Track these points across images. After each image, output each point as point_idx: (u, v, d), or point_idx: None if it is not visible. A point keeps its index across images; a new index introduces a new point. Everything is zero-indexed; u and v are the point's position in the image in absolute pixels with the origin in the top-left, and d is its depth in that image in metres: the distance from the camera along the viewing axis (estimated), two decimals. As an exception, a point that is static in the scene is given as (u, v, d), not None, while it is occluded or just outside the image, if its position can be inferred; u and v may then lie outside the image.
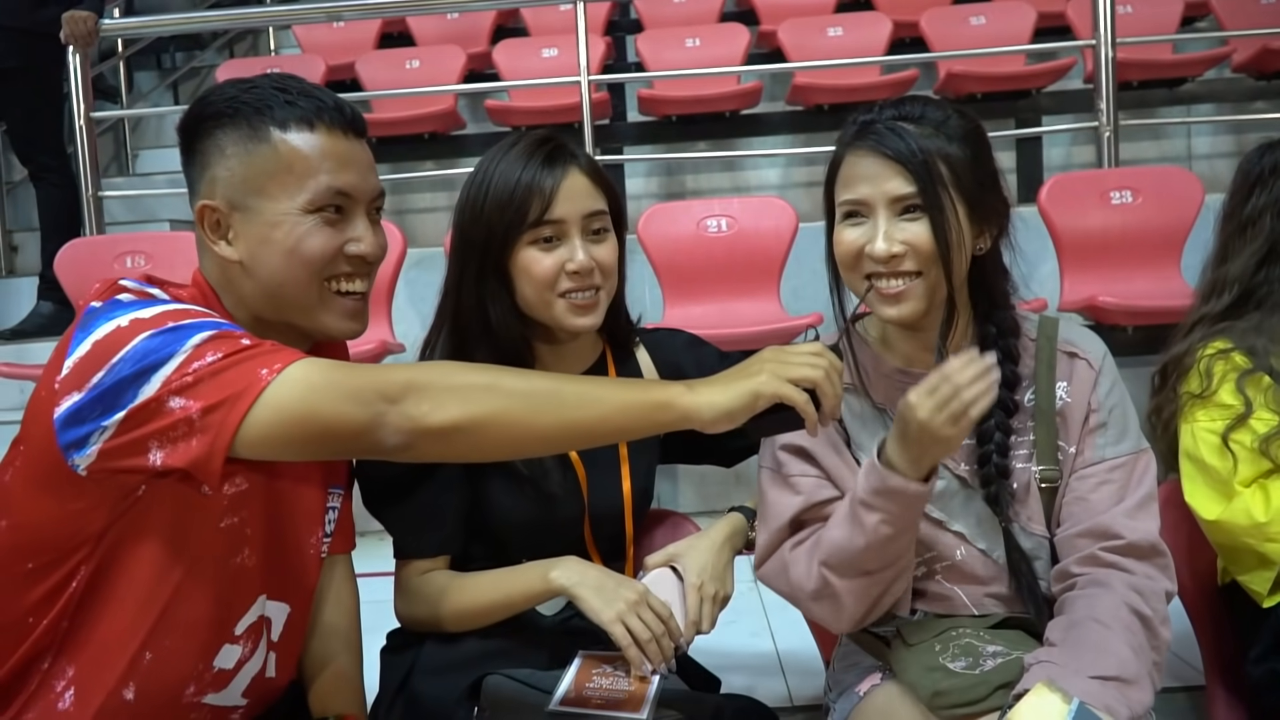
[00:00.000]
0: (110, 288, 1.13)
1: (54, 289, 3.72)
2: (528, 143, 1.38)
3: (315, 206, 1.16)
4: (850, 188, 1.24)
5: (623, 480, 1.47)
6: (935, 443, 1.13)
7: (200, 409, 1.00)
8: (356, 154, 1.20)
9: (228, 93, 1.18)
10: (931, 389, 1.11)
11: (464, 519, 1.41)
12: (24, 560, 1.10)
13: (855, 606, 1.25)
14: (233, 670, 1.21)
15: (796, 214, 3.32)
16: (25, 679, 1.12)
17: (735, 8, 5.92)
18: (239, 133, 1.16)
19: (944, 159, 1.21)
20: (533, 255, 1.35)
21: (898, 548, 1.21)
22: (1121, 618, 1.15)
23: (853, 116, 1.29)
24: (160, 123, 6.17)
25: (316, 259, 1.16)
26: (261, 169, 1.15)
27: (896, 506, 1.17)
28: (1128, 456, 1.26)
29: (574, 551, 1.39)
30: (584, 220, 1.36)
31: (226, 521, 1.16)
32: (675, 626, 1.29)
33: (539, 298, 1.36)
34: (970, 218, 1.23)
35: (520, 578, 1.35)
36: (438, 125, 4.67)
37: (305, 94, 1.18)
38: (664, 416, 1.07)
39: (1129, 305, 2.94)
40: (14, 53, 3.72)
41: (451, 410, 1.01)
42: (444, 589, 1.37)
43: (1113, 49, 3.72)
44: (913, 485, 1.16)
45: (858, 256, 1.24)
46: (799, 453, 1.33)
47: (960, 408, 1.09)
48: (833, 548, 1.23)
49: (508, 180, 1.34)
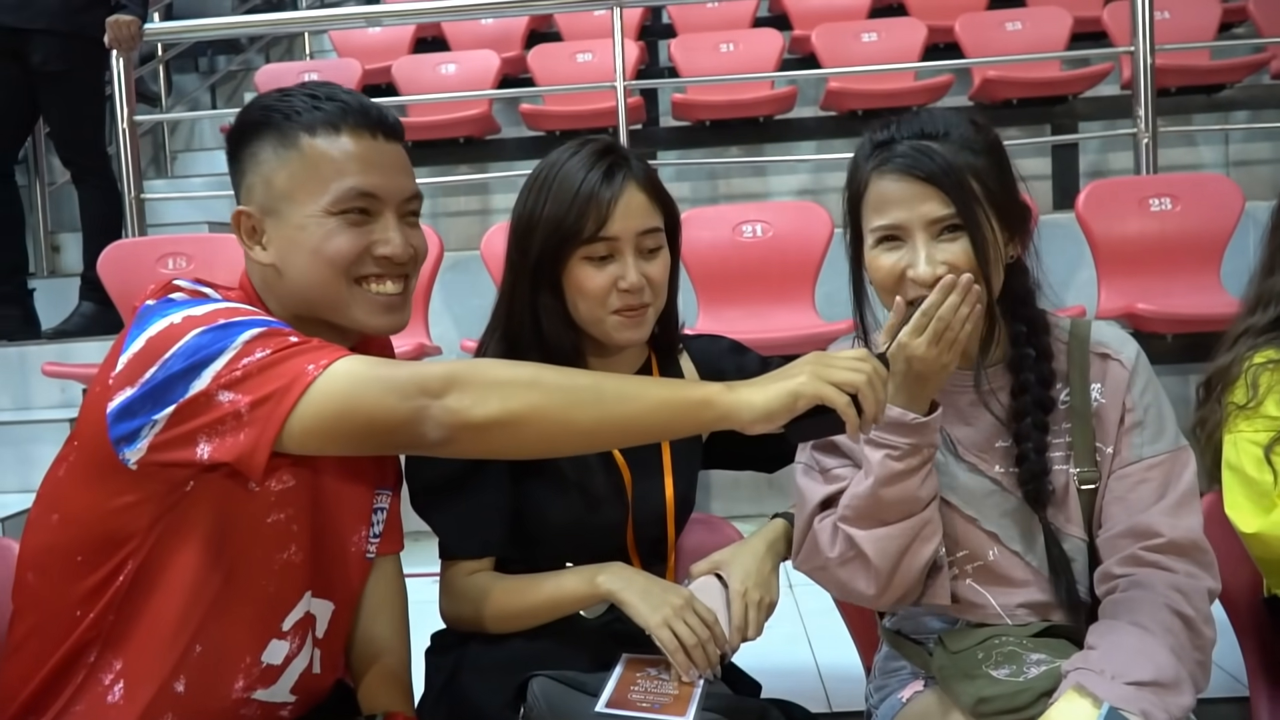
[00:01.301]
0: (164, 287, 1.16)
1: (96, 289, 3.77)
2: (588, 153, 1.37)
3: (339, 208, 1.17)
4: (883, 212, 1.23)
5: (666, 485, 1.47)
6: (935, 373, 1.18)
7: (248, 403, 1.02)
8: (385, 155, 1.21)
9: (263, 101, 1.21)
10: (918, 328, 1.16)
11: (510, 521, 1.42)
12: (73, 553, 1.12)
13: (880, 560, 1.23)
14: (281, 666, 1.23)
15: (832, 220, 3.32)
16: (71, 672, 1.14)
17: (768, 13, 5.92)
18: (271, 140, 1.18)
19: (974, 174, 1.21)
20: (586, 272, 1.35)
21: (910, 489, 1.21)
22: (1162, 620, 1.14)
23: (867, 135, 1.28)
24: (198, 126, 6.25)
25: (340, 259, 1.17)
26: (291, 174, 1.17)
27: (901, 438, 1.19)
28: (1166, 455, 1.25)
29: (615, 555, 1.40)
30: (638, 238, 1.35)
31: (273, 517, 1.18)
32: (720, 632, 1.30)
33: (590, 313, 1.37)
34: (1002, 228, 1.23)
35: (566, 581, 1.36)
36: (473, 129, 4.70)
37: (332, 98, 1.19)
38: (704, 415, 1.08)
39: (1168, 313, 2.92)
40: (60, 56, 3.77)
41: (492, 405, 1.03)
42: (488, 590, 1.38)
43: (1151, 55, 3.70)
44: (909, 415, 1.19)
45: (899, 280, 1.23)
46: (831, 447, 1.34)
47: (954, 335, 1.16)
48: (848, 499, 1.25)
49: (565, 192, 1.34)
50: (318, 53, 6.72)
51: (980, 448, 1.30)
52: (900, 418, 1.19)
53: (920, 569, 1.26)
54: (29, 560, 1.17)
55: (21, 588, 1.18)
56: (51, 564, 1.14)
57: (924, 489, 1.23)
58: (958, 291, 1.14)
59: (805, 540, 1.32)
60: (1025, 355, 1.29)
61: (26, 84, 3.83)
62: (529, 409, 1.04)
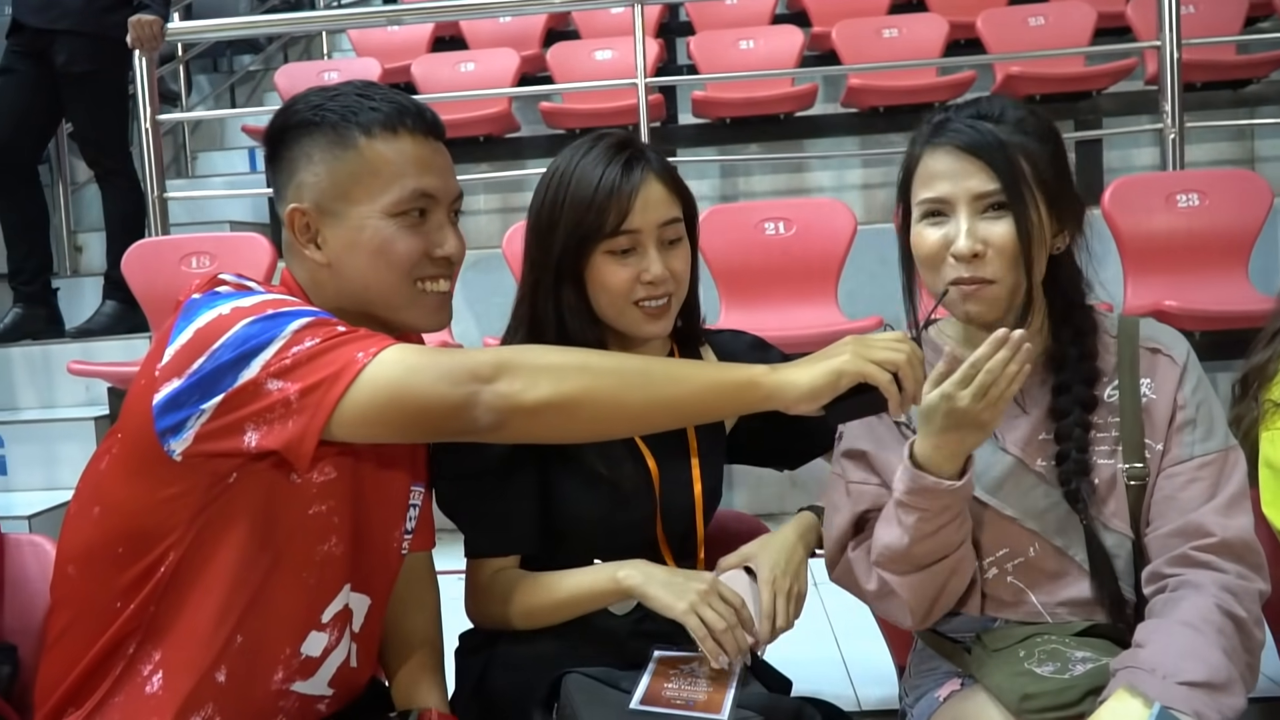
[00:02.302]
0: (210, 281, 1.17)
1: (119, 288, 3.79)
2: (605, 147, 1.37)
3: (399, 209, 1.18)
4: (929, 186, 1.23)
5: (694, 480, 1.47)
6: (973, 430, 1.13)
7: (298, 390, 1.03)
8: (438, 157, 1.23)
9: (313, 101, 1.21)
10: (965, 379, 1.11)
11: (537, 518, 1.41)
12: (115, 545, 1.13)
13: (917, 602, 1.24)
14: (320, 658, 1.23)
15: (855, 217, 3.30)
16: (110, 663, 1.15)
17: (786, 10, 5.90)
18: (325, 139, 1.19)
19: (1025, 155, 1.20)
20: (610, 267, 1.35)
21: (943, 540, 1.21)
22: (1213, 620, 1.13)
23: (926, 116, 1.29)
24: (218, 126, 6.28)
25: (404, 261, 1.19)
26: (348, 174, 1.18)
27: (933, 504, 1.18)
28: (1217, 453, 1.24)
29: (645, 549, 1.40)
30: (659, 230, 1.35)
31: (315, 509, 1.18)
32: (748, 615, 1.29)
33: (613, 307, 1.37)
34: (1050, 215, 1.22)
35: (589, 578, 1.35)
36: (493, 128, 4.70)
37: (388, 99, 1.21)
38: (749, 395, 1.10)
39: (1196, 310, 2.89)
40: (84, 57, 3.78)
41: (544, 388, 1.04)
42: (513, 586, 1.38)
43: (1178, 50, 3.66)
44: (944, 483, 1.16)
45: (940, 256, 1.23)
46: (859, 458, 1.33)
47: (1000, 392, 1.10)
48: (881, 547, 1.24)
49: (585, 187, 1.34)
50: (335, 52, 6.74)
51: (1024, 441, 1.29)
52: (935, 485, 1.16)
53: (957, 595, 1.26)
54: (69, 553, 1.18)
55: (61, 581, 1.19)
56: (92, 557, 1.15)
57: (958, 534, 1.22)
58: (1009, 347, 1.11)
59: (840, 561, 1.33)
60: (1068, 353, 1.28)
61: (50, 85, 3.84)
62: (580, 392, 1.05)
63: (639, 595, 1.31)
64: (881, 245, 1.26)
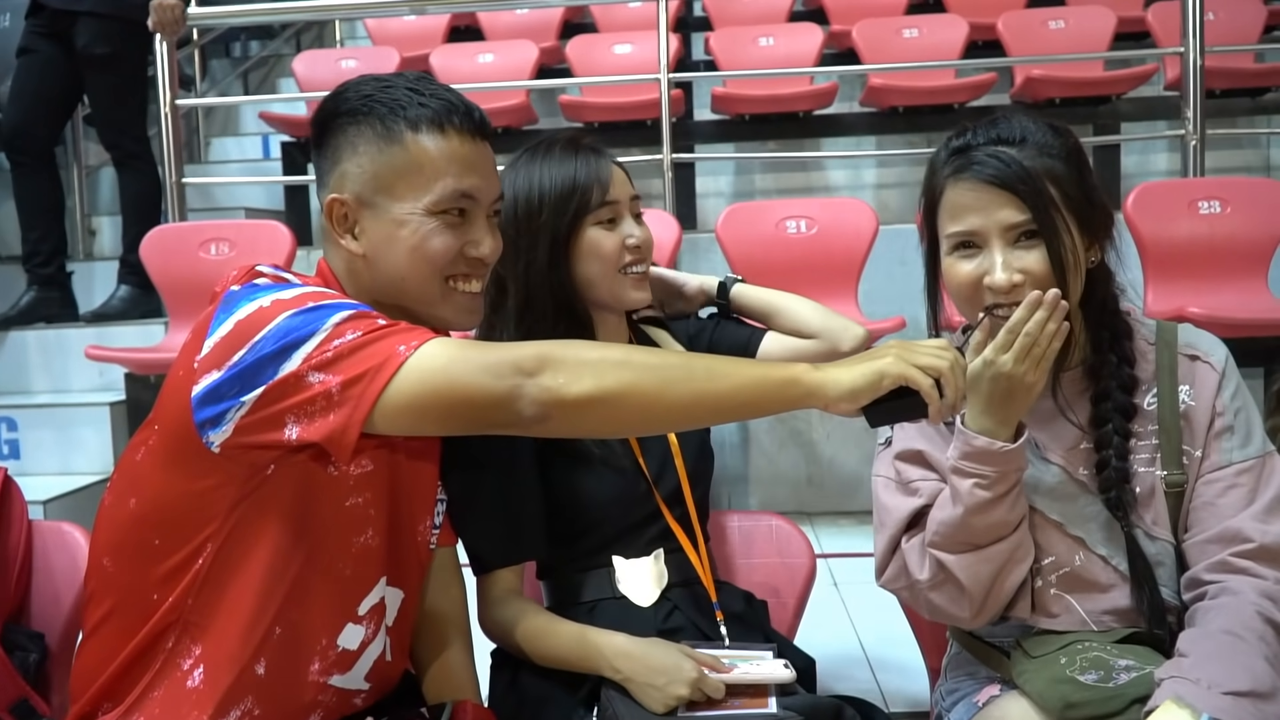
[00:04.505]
0: (248, 273, 1.16)
1: (135, 272, 3.78)
2: (564, 143, 1.48)
3: (440, 208, 1.18)
4: (959, 219, 1.23)
5: (670, 442, 1.51)
6: (1022, 393, 1.17)
7: (340, 383, 1.02)
8: (482, 157, 1.22)
9: (364, 90, 1.21)
10: (1005, 344, 1.15)
11: (544, 520, 1.43)
12: (151, 537, 1.12)
13: (974, 585, 1.23)
14: (357, 651, 1.23)
15: (877, 217, 3.30)
16: (149, 657, 1.14)
17: (804, 7, 5.88)
18: (372, 131, 1.18)
19: (1052, 180, 1.20)
20: (598, 235, 1.45)
21: (999, 515, 1.21)
22: (1255, 628, 1.13)
23: (945, 141, 1.28)
24: (232, 111, 6.27)
25: (439, 259, 1.19)
26: (392, 168, 1.18)
27: (989, 467, 1.19)
28: (1255, 459, 1.24)
29: (652, 521, 1.45)
30: (631, 203, 1.49)
31: (352, 501, 1.18)
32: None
33: (604, 274, 1.46)
34: (1081, 234, 1.22)
35: (584, 652, 1.34)
36: (511, 120, 4.68)
37: (438, 96, 1.20)
38: (790, 392, 1.09)
39: (1218, 317, 2.87)
40: (105, 39, 3.78)
41: (587, 382, 1.04)
42: (515, 621, 1.39)
43: (1201, 56, 3.66)
44: (997, 444, 1.18)
45: (975, 288, 1.24)
46: (915, 458, 1.33)
47: (1041, 351, 1.14)
48: (937, 525, 1.25)
49: (564, 175, 1.44)
50: (348, 39, 6.72)
51: (1067, 450, 1.28)
52: (988, 446, 1.18)
53: (1014, 589, 1.26)
54: (105, 545, 1.17)
55: (97, 572, 1.18)
56: (128, 548, 1.15)
57: (1013, 513, 1.22)
58: (1045, 307, 1.14)
59: (892, 560, 1.32)
60: (1107, 361, 1.27)
61: (70, 66, 3.84)
62: (624, 386, 1.04)
63: (626, 686, 1.30)
64: (901, 245, 1.26)
